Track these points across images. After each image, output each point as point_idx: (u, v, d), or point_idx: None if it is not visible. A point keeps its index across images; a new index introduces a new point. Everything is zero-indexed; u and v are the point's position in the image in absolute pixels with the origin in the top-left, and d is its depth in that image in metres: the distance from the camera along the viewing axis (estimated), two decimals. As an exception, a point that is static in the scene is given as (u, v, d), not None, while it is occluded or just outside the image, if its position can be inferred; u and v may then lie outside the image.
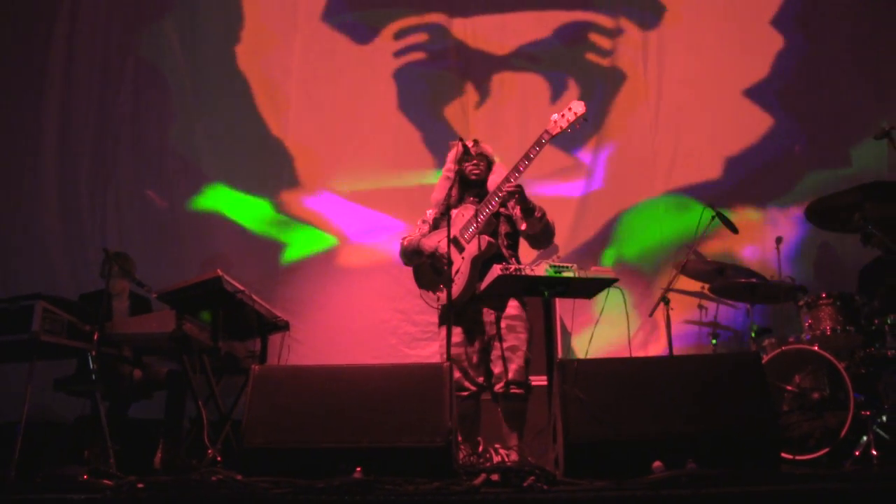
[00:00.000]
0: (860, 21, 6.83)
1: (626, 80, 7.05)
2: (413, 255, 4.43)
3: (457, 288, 4.15)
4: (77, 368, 5.10)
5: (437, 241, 4.28)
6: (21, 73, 7.33)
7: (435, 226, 4.46)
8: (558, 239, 5.41)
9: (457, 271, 4.20)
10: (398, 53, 7.31)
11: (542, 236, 4.34)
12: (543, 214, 4.29)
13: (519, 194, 4.18)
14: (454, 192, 4.39)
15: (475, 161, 4.45)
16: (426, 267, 4.37)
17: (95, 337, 4.28)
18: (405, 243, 4.48)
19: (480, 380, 4.21)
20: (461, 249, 4.25)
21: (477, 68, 7.23)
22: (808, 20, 6.89)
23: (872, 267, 5.32)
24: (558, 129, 4.29)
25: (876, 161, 6.23)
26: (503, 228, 4.37)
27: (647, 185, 6.80)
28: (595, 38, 7.18)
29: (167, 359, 5.28)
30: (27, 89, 7.29)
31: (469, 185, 4.47)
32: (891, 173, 6.13)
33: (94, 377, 4.30)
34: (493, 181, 4.41)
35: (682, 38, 7.05)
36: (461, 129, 6.70)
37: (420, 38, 7.34)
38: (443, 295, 4.22)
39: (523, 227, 4.34)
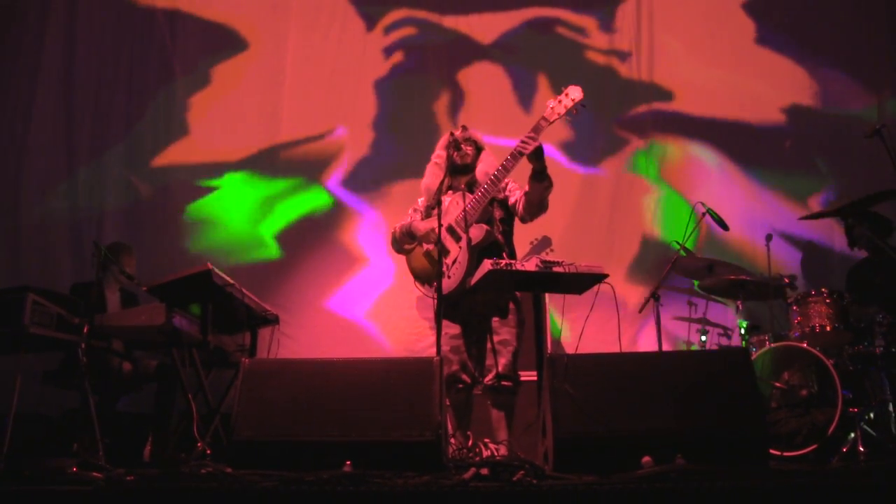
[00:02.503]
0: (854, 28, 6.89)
1: (618, 74, 7.07)
2: (405, 240, 4.41)
3: (455, 278, 4.13)
4: (64, 361, 5.09)
5: (430, 227, 4.26)
6: (17, 66, 7.29)
7: (427, 215, 4.44)
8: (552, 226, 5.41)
9: (454, 261, 4.18)
10: (388, 49, 7.32)
11: (538, 205, 4.26)
12: (551, 184, 4.23)
13: (538, 151, 4.10)
14: (446, 180, 4.36)
15: (462, 146, 4.43)
16: (421, 256, 4.35)
17: (85, 330, 4.26)
18: (397, 230, 4.47)
19: (475, 373, 4.21)
20: (458, 239, 4.22)
21: (467, 64, 7.23)
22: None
23: (861, 266, 5.35)
24: (556, 116, 4.17)
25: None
26: (497, 214, 4.36)
27: (638, 181, 6.83)
28: (589, 33, 7.19)
29: (157, 352, 5.28)
30: (22, 82, 7.26)
31: (458, 171, 4.45)
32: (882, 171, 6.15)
33: (83, 370, 4.28)
34: (481, 170, 4.38)
35: (675, 32, 7.08)
36: (450, 123, 6.73)
37: (409, 32, 7.35)
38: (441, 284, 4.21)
39: (513, 199, 4.30)
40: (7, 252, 6.83)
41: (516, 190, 4.35)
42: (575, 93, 4.19)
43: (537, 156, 4.12)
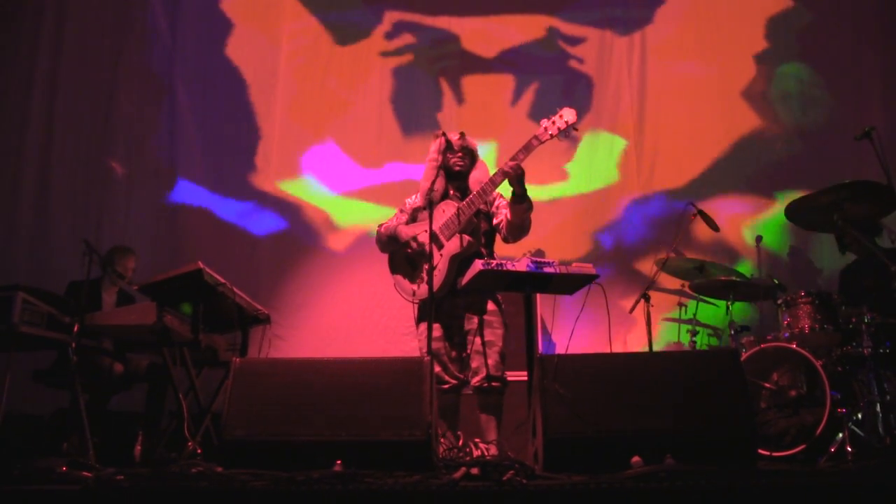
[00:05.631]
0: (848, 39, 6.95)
1: (609, 83, 7.10)
2: (389, 243, 4.42)
3: (433, 284, 4.14)
4: (56, 360, 5.08)
5: (415, 232, 4.28)
6: (8, 69, 7.27)
7: (413, 218, 4.45)
8: (543, 236, 5.41)
9: (434, 267, 4.19)
10: (387, 52, 7.34)
11: (520, 228, 4.31)
12: (530, 207, 4.27)
13: (520, 175, 4.15)
14: (438, 184, 4.37)
15: (460, 154, 4.43)
16: (401, 257, 4.37)
17: (75, 329, 4.25)
18: (382, 230, 4.48)
19: (460, 374, 4.23)
20: (440, 246, 4.24)
21: (463, 68, 7.26)
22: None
23: (852, 268, 5.37)
24: (548, 137, 4.22)
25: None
26: (483, 226, 4.37)
27: (631, 185, 6.86)
28: (579, 42, 7.23)
29: (148, 351, 5.27)
30: (13, 85, 7.24)
31: (451, 178, 4.46)
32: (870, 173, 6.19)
33: (73, 369, 4.27)
34: (475, 178, 4.40)
35: (666, 40, 7.12)
36: (446, 126, 6.73)
37: (409, 36, 7.37)
38: (419, 290, 4.24)
39: (498, 218, 4.32)
40: (7, 252, 6.84)
41: (503, 208, 4.36)
42: (569, 115, 4.22)
43: (519, 180, 4.15)
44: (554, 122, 4.23)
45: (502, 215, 4.32)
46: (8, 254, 6.80)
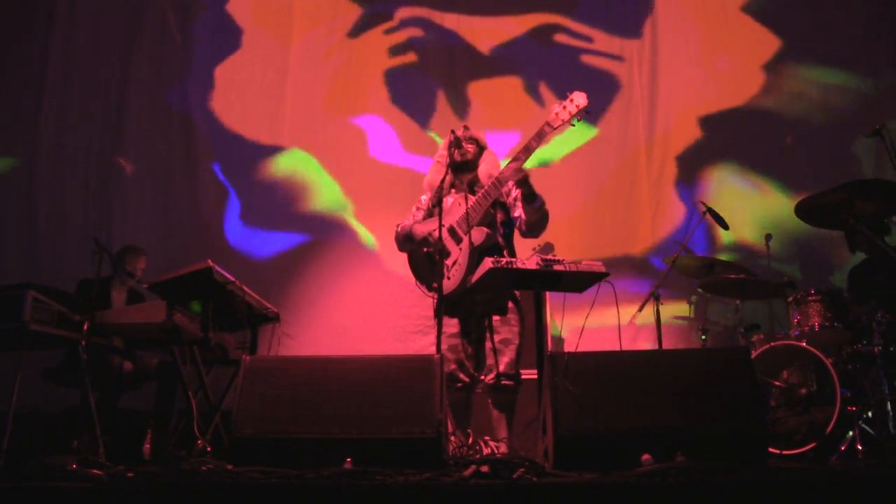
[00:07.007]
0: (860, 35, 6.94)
1: (619, 81, 7.10)
2: (405, 242, 4.42)
3: (455, 279, 4.13)
4: (65, 358, 5.09)
5: (429, 229, 4.27)
6: (19, 69, 7.31)
7: (429, 214, 4.45)
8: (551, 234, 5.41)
9: (454, 262, 4.18)
10: (393, 49, 7.35)
11: (537, 224, 4.29)
12: (543, 203, 4.26)
13: (524, 178, 4.14)
14: (447, 180, 4.36)
15: (464, 144, 4.43)
16: (422, 257, 4.35)
17: (85, 327, 4.26)
18: (399, 229, 4.48)
19: (475, 372, 4.22)
20: (459, 240, 4.22)
21: (471, 65, 7.26)
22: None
23: (862, 267, 5.35)
24: (560, 122, 4.18)
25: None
26: (499, 216, 4.36)
27: (639, 184, 6.85)
28: (589, 41, 7.23)
29: (158, 349, 5.28)
30: (26, 85, 7.28)
31: (459, 170, 4.45)
32: (879, 171, 6.17)
33: (83, 367, 4.29)
34: (484, 170, 4.39)
35: (676, 41, 7.11)
36: (453, 123, 6.74)
37: (413, 32, 7.37)
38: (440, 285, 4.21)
39: (516, 213, 4.32)
40: (24, 251, 6.87)
41: (519, 201, 4.34)
42: (580, 99, 4.19)
43: (524, 182, 4.14)
44: (565, 108, 4.20)
45: (519, 210, 4.30)
46: (24, 253, 6.84)
